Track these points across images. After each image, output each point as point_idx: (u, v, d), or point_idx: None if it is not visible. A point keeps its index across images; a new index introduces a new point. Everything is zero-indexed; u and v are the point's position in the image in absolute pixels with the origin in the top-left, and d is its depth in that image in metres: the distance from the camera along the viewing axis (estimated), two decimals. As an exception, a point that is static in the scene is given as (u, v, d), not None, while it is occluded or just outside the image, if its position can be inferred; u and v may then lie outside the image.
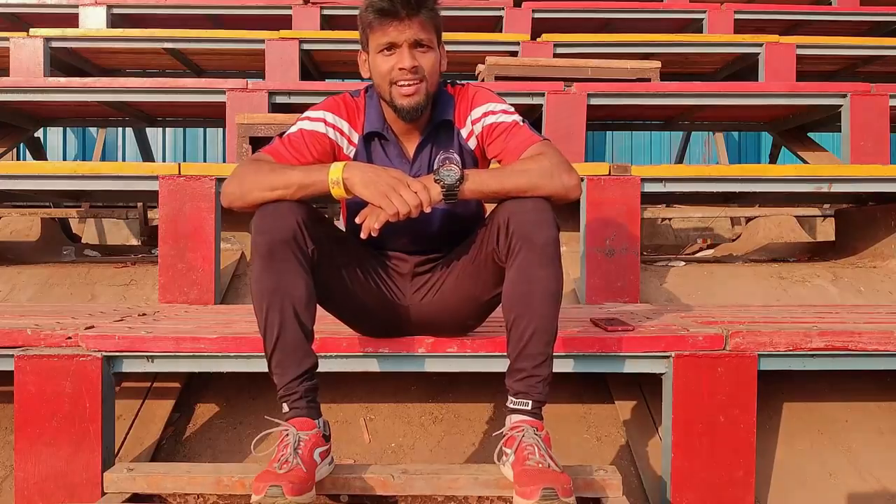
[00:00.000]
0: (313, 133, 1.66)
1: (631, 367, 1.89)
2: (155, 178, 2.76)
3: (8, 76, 4.33)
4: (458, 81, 1.77)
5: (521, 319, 1.55)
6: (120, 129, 6.96)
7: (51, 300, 3.00)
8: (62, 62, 4.69)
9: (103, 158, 6.38)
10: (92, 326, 1.93)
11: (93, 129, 6.92)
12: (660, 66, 4.07)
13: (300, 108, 1.95)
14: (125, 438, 2.13)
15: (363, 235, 1.52)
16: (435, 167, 1.56)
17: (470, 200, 1.64)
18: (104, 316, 2.21)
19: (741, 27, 5.14)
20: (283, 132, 1.68)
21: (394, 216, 1.49)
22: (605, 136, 7.58)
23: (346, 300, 1.74)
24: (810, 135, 4.44)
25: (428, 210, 1.51)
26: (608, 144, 7.65)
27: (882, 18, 5.35)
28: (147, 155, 5.95)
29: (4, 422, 2.20)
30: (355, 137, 1.71)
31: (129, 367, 1.87)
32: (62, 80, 3.92)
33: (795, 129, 4.39)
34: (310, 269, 1.56)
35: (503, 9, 5.14)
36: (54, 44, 4.49)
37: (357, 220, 1.53)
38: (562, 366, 1.81)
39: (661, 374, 1.89)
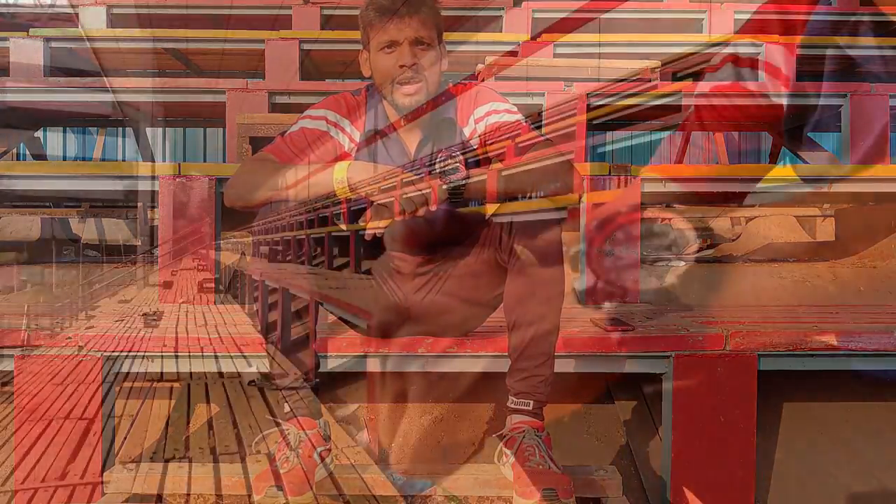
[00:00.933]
0: (315, 131, 1.66)
1: (631, 367, 1.89)
2: (155, 178, 2.76)
3: (8, 76, 4.33)
4: (460, 81, 1.77)
5: (524, 320, 1.55)
6: (120, 129, 6.95)
7: (51, 300, 3.00)
8: (62, 62, 4.68)
9: (103, 158, 6.38)
10: (92, 326, 1.93)
11: (93, 129, 6.92)
12: (660, 65, 4.06)
13: (300, 108, 1.95)
14: (125, 438, 2.13)
15: (367, 236, 1.51)
16: (438, 166, 1.56)
17: (472, 200, 1.64)
18: (104, 316, 2.21)
19: (741, 27, 5.13)
20: (285, 131, 1.68)
21: (399, 215, 1.49)
22: (604, 136, 7.56)
23: (346, 300, 1.74)
24: (810, 135, 4.43)
25: (433, 209, 1.51)
26: (608, 144, 7.64)
27: (882, 18, 5.34)
28: (147, 155, 5.94)
29: (5, 422, 2.19)
30: (357, 135, 1.70)
31: (128, 366, 1.87)
32: (62, 80, 3.92)
33: (795, 129, 4.38)
34: (311, 269, 1.56)
35: (503, 9, 5.13)
36: (54, 44, 4.48)
37: (360, 222, 1.53)
38: (562, 366, 1.80)
39: (661, 374, 1.89)
